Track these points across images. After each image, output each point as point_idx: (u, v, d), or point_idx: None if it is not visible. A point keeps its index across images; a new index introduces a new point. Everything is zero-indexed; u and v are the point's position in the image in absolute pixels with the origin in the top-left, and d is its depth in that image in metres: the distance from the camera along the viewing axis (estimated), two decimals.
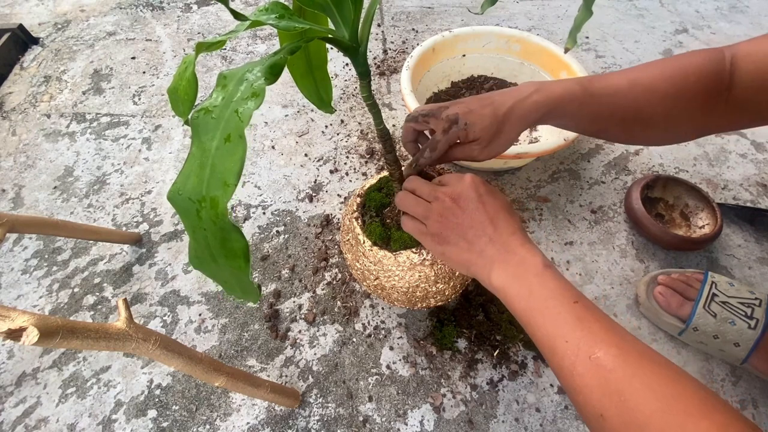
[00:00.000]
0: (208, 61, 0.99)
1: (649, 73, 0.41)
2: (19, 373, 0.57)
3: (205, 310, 0.61)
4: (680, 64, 0.41)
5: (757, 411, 0.51)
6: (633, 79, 0.42)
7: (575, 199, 0.71)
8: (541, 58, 0.77)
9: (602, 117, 0.43)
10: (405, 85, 0.69)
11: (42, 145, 0.84)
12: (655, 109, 0.41)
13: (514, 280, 0.35)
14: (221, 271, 0.25)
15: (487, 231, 0.38)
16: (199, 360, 0.37)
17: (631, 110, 0.41)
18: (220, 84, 0.24)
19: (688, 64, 0.40)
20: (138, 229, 0.71)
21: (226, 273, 0.25)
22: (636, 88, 0.41)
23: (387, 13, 1.09)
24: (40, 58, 1.03)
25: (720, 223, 0.60)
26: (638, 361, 0.28)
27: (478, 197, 0.39)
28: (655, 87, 0.41)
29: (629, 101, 0.41)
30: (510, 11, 1.08)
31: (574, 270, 0.63)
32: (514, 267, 0.36)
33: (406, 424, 0.51)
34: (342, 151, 0.79)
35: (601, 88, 0.42)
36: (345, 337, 0.58)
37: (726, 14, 1.06)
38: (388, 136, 0.42)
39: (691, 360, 0.55)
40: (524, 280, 0.35)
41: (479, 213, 0.38)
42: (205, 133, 0.23)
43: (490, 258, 0.37)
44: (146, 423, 0.53)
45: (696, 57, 0.40)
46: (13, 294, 0.64)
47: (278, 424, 0.52)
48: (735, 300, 0.52)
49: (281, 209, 0.72)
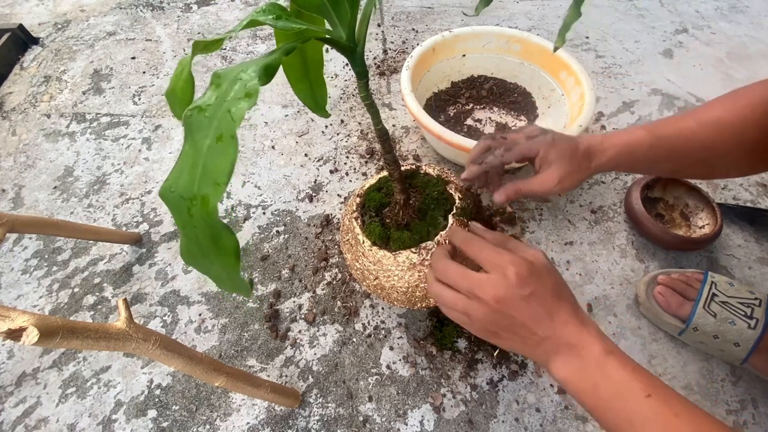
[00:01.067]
0: (208, 62, 0.99)
1: (715, 110, 0.43)
2: (19, 373, 0.57)
3: (205, 310, 0.62)
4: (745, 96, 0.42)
5: (757, 411, 0.51)
6: (699, 118, 0.43)
7: (575, 199, 0.71)
8: (541, 58, 0.77)
9: (675, 158, 0.44)
10: (405, 85, 0.69)
11: (42, 145, 0.84)
12: (727, 143, 0.42)
13: (577, 375, 0.33)
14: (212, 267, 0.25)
15: (542, 326, 0.34)
16: (199, 360, 0.38)
17: (704, 148, 0.42)
18: (214, 83, 0.24)
19: (753, 97, 0.41)
20: (138, 229, 0.71)
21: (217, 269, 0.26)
22: (704, 125, 0.42)
23: (387, 13, 1.09)
24: (40, 58, 1.03)
25: (720, 223, 0.60)
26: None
27: (528, 296, 0.34)
28: (722, 121, 0.42)
29: (700, 139, 0.42)
30: (510, 11, 1.08)
31: (574, 270, 0.63)
32: (574, 360, 0.33)
33: (406, 424, 0.51)
34: (342, 151, 0.80)
35: (669, 130, 0.44)
36: (345, 337, 0.58)
37: (726, 14, 1.06)
38: (387, 135, 0.42)
39: (691, 360, 0.55)
40: (586, 374, 0.32)
41: (532, 313, 0.35)
42: (198, 132, 0.23)
43: (547, 351, 0.35)
44: (146, 423, 0.53)
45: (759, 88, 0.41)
46: (13, 294, 0.65)
47: (278, 424, 0.52)
48: (735, 300, 0.52)
49: (281, 209, 0.72)
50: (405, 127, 0.83)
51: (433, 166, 0.53)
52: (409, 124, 0.83)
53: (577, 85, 0.70)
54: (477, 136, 0.79)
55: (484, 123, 0.81)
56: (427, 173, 0.52)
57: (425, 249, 0.44)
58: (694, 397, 0.52)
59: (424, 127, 0.65)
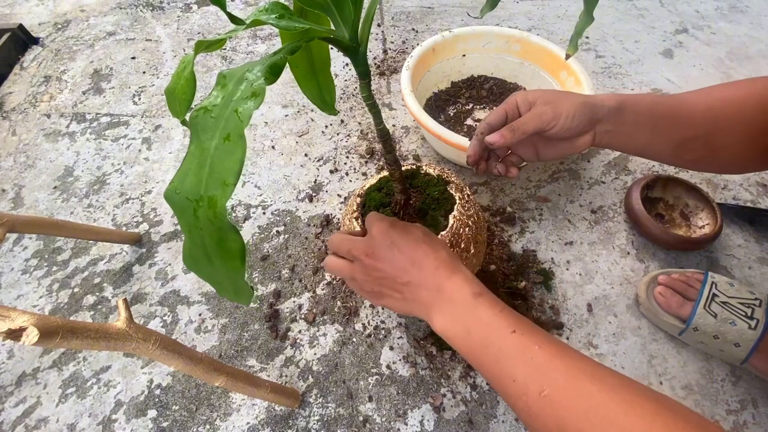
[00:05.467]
0: (208, 61, 0.99)
1: (723, 88, 0.43)
2: (19, 373, 0.57)
3: (205, 310, 0.61)
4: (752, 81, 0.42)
5: (757, 411, 0.51)
6: (707, 91, 0.43)
7: (575, 199, 0.71)
8: (541, 58, 0.77)
9: (677, 124, 0.42)
10: (405, 85, 0.69)
11: (42, 145, 0.84)
12: (729, 118, 0.41)
13: (451, 322, 0.34)
14: (216, 272, 0.25)
15: (412, 275, 0.36)
16: (199, 360, 0.37)
17: (706, 119, 0.41)
18: (220, 83, 0.24)
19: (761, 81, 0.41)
20: (138, 229, 0.71)
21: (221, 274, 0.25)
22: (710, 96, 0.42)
23: (387, 13, 1.09)
24: (40, 58, 1.03)
25: (720, 223, 0.60)
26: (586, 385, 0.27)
27: (390, 244, 0.37)
28: (728, 97, 0.41)
29: (703, 109, 0.42)
30: (510, 11, 1.08)
31: (574, 270, 0.63)
32: (447, 307, 0.34)
33: (406, 424, 0.51)
34: (342, 151, 0.79)
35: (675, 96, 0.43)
36: (345, 337, 0.58)
37: (726, 14, 1.06)
38: (388, 135, 0.42)
39: (691, 360, 0.55)
40: (459, 319, 0.33)
41: (397, 260, 0.37)
42: (204, 132, 0.23)
43: (425, 302, 0.36)
44: (146, 423, 0.53)
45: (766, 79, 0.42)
46: (13, 294, 0.64)
47: (278, 424, 0.52)
48: (735, 300, 0.52)
49: (281, 209, 0.72)
50: (405, 127, 0.83)
51: (434, 166, 0.53)
52: (409, 124, 0.83)
53: (577, 85, 0.70)
54: None
55: None
56: (427, 173, 0.52)
57: None
58: (694, 397, 0.52)
59: (424, 127, 0.65)
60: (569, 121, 0.41)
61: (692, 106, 0.43)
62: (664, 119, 0.43)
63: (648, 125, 0.43)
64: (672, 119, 0.43)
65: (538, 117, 0.41)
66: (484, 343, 0.32)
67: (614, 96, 0.43)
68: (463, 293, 0.34)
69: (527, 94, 0.44)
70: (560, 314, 0.59)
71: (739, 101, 0.41)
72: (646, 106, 0.43)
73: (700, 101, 0.43)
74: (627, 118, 0.43)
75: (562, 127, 0.41)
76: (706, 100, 0.42)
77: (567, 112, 0.41)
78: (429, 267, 0.36)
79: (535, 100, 0.43)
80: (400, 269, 0.37)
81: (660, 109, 0.43)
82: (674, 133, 0.43)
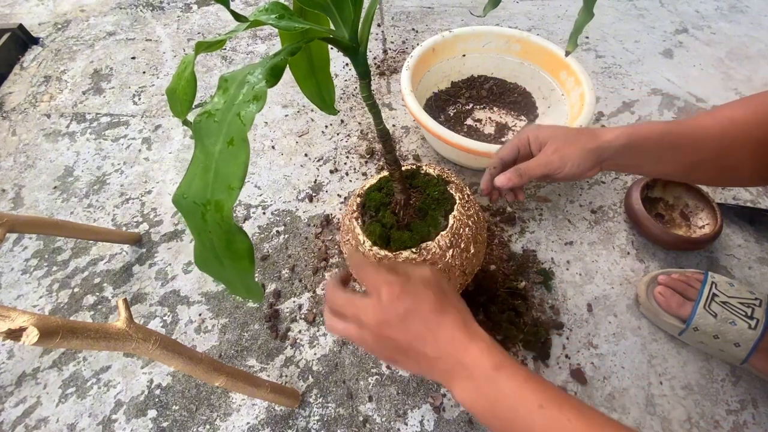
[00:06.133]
0: (208, 61, 0.99)
1: (730, 108, 0.42)
2: (19, 373, 0.57)
3: (205, 310, 0.61)
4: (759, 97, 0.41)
5: (757, 411, 0.51)
6: (714, 114, 0.42)
7: (575, 199, 0.71)
8: (541, 58, 0.77)
9: (685, 150, 0.42)
10: (405, 85, 0.69)
11: (42, 145, 0.84)
12: (738, 138, 0.41)
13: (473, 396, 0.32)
14: (226, 272, 0.26)
15: (428, 346, 0.33)
16: (199, 360, 0.38)
17: (715, 142, 0.41)
18: (222, 87, 0.24)
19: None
20: (138, 229, 0.71)
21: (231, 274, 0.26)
22: (718, 120, 0.42)
23: (387, 13, 1.09)
24: (40, 58, 1.03)
25: (720, 223, 0.60)
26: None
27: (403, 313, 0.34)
28: (736, 117, 0.41)
29: (712, 133, 0.41)
30: (510, 11, 1.08)
31: (574, 270, 0.63)
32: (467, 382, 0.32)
33: (406, 424, 0.51)
34: (342, 151, 0.79)
35: (682, 123, 0.43)
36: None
37: (726, 14, 1.06)
38: (388, 135, 0.42)
39: (691, 360, 0.55)
40: (481, 394, 0.32)
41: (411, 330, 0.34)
42: (208, 137, 0.23)
43: (443, 373, 0.34)
44: (146, 423, 0.53)
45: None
46: (13, 294, 0.64)
47: (278, 424, 0.52)
48: (735, 300, 0.52)
49: (281, 209, 0.72)
50: (405, 127, 0.83)
51: (434, 166, 0.53)
52: (409, 124, 0.83)
53: (577, 85, 0.70)
54: (477, 136, 0.79)
55: (484, 123, 0.81)
56: (427, 173, 0.52)
57: (426, 249, 0.44)
58: (694, 397, 0.52)
59: (424, 127, 0.65)
60: (575, 168, 0.43)
61: (704, 132, 0.42)
62: (672, 150, 0.43)
63: (655, 156, 0.44)
64: (682, 148, 0.43)
65: (546, 165, 0.44)
66: (509, 417, 0.31)
67: (623, 133, 0.43)
68: (483, 367, 0.32)
69: (539, 133, 0.45)
70: (560, 314, 0.59)
71: (748, 120, 0.41)
72: (654, 139, 0.43)
73: (711, 126, 0.42)
74: (634, 152, 0.44)
75: (568, 173, 0.44)
76: (717, 124, 0.42)
77: (573, 161, 0.43)
78: (445, 337, 0.34)
79: (546, 142, 0.44)
80: (415, 339, 0.34)
81: (670, 138, 0.43)
82: (684, 160, 0.44)
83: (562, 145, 0.43)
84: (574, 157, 0.43)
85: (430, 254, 0.44)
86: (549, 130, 0.45)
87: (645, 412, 0.51)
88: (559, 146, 0.43)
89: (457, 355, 0.33)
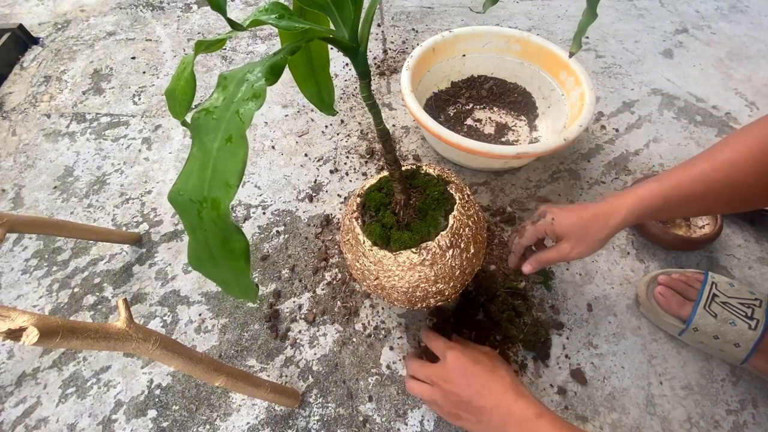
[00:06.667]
0: (208, 61, 0.99)
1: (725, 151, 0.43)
2: (19, 373, 0.57)
3: (205, 310, 0.62)
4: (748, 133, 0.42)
5: (757, 411, 0.51)
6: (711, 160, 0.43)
7: (575, 199, 0.71)
8: (541, 58, 0.77)
9: (695, 202, 0.44)
10: (405, 85, 0.69)
11: (42, 145, 0.84)
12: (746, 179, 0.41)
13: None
14: (221, 272, 0.25)
15: (485, 399, 0.42)
16: (199, 360, 0.37)
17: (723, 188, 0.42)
18: (221, 85, 0.24)
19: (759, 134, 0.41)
20: (138, 229, 0.71)
21: (226, 273, 0.25)
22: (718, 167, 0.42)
23: (387, 13, 1.09)
24: (40, 58, 1.03)
25: (720, 223, 0.60)
26: None
27: (464, 372, 0.44)
28: (736, 159, 0.41)
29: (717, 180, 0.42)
30: (510, 11, 1.08)
31: (574, 270, 0.63)
32: (515, 425, 0.40)
33: (406, 424, 0.51)
34: (342, 151, 0.79)
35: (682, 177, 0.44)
36: (345, 337, 0.58)
37: (726, 14, 1.06)
38: (388, 136, 0.42)
39: (691, 360, 0.55)
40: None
41: (471, 386, 0.43)
42: (206, 134, 0.23)
43: (497, 424, 0.41)
44: (146, 423, 0.53)
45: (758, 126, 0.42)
46: (13, 294, 0.64)
47: (278, 424, 0.52)
48: (735, 300, 0.52)
49: (281, 209, 0.72)
50: (405, 127, 0.83)
51: (434, 166, 0.53)
52: (409, 124, 0.83)
53: (577, 85, 0.70)
54: (477, 136, 0.79)
55: (484, 123, 0.81)
56: (427, 173, 0.52)
57: (426, 249, 0.44)
58: (694, 397, 0.52)
59: (424, 127, 0.65)
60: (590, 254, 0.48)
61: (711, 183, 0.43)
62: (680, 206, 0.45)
63: (666, 215, 0.47)
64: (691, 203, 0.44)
65: (564, 257, 0.49)
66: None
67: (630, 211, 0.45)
68: (527, 414, 0.40)
69: (556, 228, 0.49)
70: (560, 314, 0.59)
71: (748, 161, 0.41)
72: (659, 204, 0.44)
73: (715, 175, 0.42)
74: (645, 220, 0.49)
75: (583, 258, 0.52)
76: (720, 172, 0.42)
77: (587, 252, 0.48)
78: (498, 392, 0.42)
79: (563, 236, 0.49)
80: (475, 394, 0.42)
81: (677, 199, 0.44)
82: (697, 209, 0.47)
83: (576, 244, 0.48)
84: (588, 250, 0.48)
85: (430, 254, 0.44)
86: (566, 225, 0.48)
87: (645, 412, 0.51)
88: (574, 245, 0.48)
89: (508, 406, 0.41)
